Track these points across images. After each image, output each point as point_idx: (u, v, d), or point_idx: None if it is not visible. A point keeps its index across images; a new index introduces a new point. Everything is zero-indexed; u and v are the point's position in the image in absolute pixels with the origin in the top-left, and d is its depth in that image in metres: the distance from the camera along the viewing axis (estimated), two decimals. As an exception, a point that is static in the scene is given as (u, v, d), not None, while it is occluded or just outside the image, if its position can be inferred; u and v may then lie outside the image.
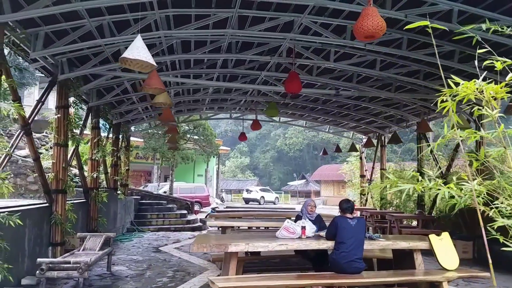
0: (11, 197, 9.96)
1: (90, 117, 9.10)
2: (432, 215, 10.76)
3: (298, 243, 4.44)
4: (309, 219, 5.32)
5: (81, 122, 7.45)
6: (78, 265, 4.95)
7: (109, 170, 10.97)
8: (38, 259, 4.96)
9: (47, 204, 6.66)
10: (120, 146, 12.01)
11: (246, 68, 8.51)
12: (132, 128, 13.57)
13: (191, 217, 14.64)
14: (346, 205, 4.61)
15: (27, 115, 5.97)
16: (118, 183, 11.67)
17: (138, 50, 3.52)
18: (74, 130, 7.36)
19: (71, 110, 7.24)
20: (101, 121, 10.11)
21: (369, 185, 14.31)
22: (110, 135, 11.17)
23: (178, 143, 12.68)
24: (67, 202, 7.09)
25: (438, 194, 2.58)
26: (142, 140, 20.02)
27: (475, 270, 5.09)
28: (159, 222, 13.19)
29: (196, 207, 18.25)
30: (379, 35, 4.11)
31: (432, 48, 7.06)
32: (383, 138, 13.84)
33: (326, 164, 47.65)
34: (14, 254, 5.34)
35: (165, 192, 20.45)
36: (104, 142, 9.70)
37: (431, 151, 11.20)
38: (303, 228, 4.70)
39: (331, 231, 4.54)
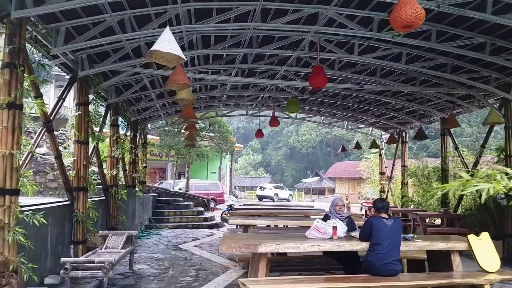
0: (32, 195, 10.03)
1: (109, 114, 9.05)
2: (457, 213, 10.41)
3: (330, 244, 4.24)
4: (339, 219, 5.11)
5: (101, 119, 7.39)
6: (102, 264, 4.86)
7: (127, 167, 10.94)
8: (62, 259, 4.89)
9: (68, 202, 6.61)
10: (138, 143, 11.98)
11: (265, 63, 8.31)
12: (149, 126, 13.53)
13: (208, 214, 14.57)
14: (381, 204, 4.40)
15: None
16: (136, 180, 11.64)
17: (168, 43, 3.36)
18: (94, 127, 7.31)
19: (91, 107, 7.18)
20: (119, 119, 10.06)
21: (389, 182, 13.99)
22: (128, 133, 11.13)
23: (195, 140, 12.57)
24: (88, 200, 7.04)
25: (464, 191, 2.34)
26: (157, 137, 20.09)
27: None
28: (176, 219, 13.15)
29: (211, 204, 18.20)
30: (418, 24, 3.87)
31: (462, 40, 6.76)
32: (404, 134, 13.48)
33: (340, 161, 47.15)
34: (38, 253, 5.29)
35: (180, 189, 20.45)
36: (123, 139, 9.64)
37: (457, 147, 10.83)
38: (334, 228, 4.50)
39: (365, 232, 4.33)
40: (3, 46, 4.39)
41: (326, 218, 5.15)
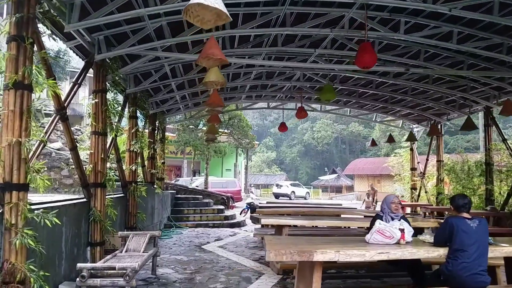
0: (44, 192, 9.51)
1: (127, 106, 8.42)
2: (505, 211, 9.46)
3: (401, 251, 3.46)
4: (396, 220, 4.31)
5: (120, 109, 6.75)
6: (125, 271, 4.19)
7: (145, 163, 10.34)
8: (79, 265, 4.24)
9: (84, 200, 5.99)
10: (156, 138, 11.37)
11: (296, 45, 7.51)
12: (167, 120, 12.90)
13: (228, 212, 13.89)
14: (462, 202, 3.58)
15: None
16: (155, 177, 11.04)
17: None
18: (112, 118, 6.67)
19: (109, 96, 6.54)
20: (138, 112, 9.44)
21: (421, 178, 13.04)
22: (147, 127, 10.52)
23: (218, 134, 11.87)
24: (106, 197, 6.42)
25: None
26: (173, 134, 19.49)
27: None
28: (196, 217, 12.50)
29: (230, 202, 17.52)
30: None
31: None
32: (439, 127, 12.50)
33: (359, 158, 45.96)
34: (50, 257, 4.66)
35: (197, 186, 19.86)
36: (142, 133, 9.01)
37: (504, 139, 9.85)
38: (402, 231, 3.72)
39: (443, 235, 3.54)
40: (9, 16, 3.73)
41: (377, 218, 4.34)
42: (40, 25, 4.70)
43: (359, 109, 13.00)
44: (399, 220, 4.33)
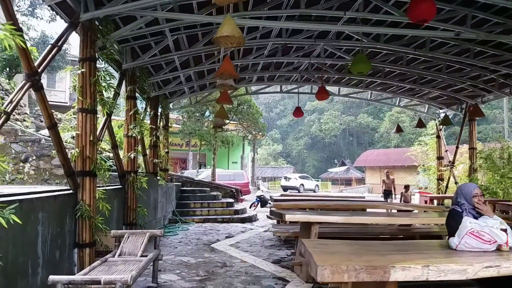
0: (34, 183, 8.49)
1: (124, 84, 7.31)
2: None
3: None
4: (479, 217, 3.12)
5: (113, 82, 5.62)
6: (113, 286, 3.10)
7: (147, 151, 9.26)
8: (51, 277, 3.15)
9: (70, 191, 4.92)
10: (159, 124, 10.27)
11: (323, 7, 6.31)
12: (170, 105, 11.77)
13: (238, 206, 12.81)
14: None
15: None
16: (158, 167, 9.96)
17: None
18: (105, 94, 5.55)
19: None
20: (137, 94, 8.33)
21: (451, 168, 11.84)
22: (148, 111, 9.41)
23: (228, 119, 10.72)
24: (98, 188, 5.34)
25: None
26: (178, 126, 18.37)
27: None
28: (203, 212, 11.43)
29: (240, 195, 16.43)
30: None
31: None
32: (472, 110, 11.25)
33: (366, 151, 44.63)
34: (20, 265, 3.59)
35: (203, 179, 18.79)
36: (142, 116, 7.91)
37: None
38: (505, 232, 2.57)
39: None
40: None
41: (457, 216, 3.14)
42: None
43: (382, 92, 11.78)
44: (490, 220, 3.08)
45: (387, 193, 13.78)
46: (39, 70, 4.06)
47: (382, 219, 4.99)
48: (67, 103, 24.45)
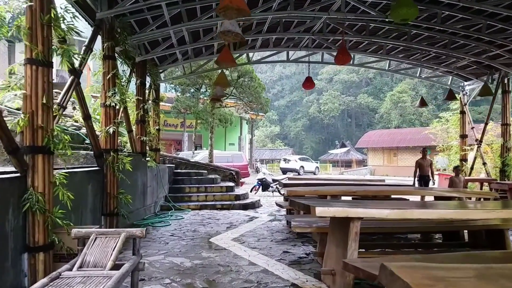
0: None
1: (101, 40, 5.83)
2: None
3: None
4: None
5: (73, 23, 4.11)
6: None
7: (133, 127, 7.85)
8: None
9: (17, 174, 3.54)
10: (147, 97, 8.81)
11: None
12: (162, 76, 10.27)
13: (239, 190, 11.51)
14: None
15: None
16: (147, 146, 8.56)
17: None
18: (66, 40, 4.09)
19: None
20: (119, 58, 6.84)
21: (478, 147, 10.54)
22: (133, 79, 7.93)
23: (229, 87, 9.23)
24: (57, 170, 3.96)
25: None
26: (169, 104, 16.83)
27: None
28: (200, 197, 10.10)
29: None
30: None
31: None
32: (506, 81, 9.89)
33: (366, 132, 43.34)
34: None
35: (200, 160, 17.42)
36: (123, 80, 6.44)
37: None
38: None
39: None
40: None
41: None
42: None
43: (405, 60, 10.31)
44: None
45: (425, 180, 9.54)
46: None
47: (454, 212, 3.65)
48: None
